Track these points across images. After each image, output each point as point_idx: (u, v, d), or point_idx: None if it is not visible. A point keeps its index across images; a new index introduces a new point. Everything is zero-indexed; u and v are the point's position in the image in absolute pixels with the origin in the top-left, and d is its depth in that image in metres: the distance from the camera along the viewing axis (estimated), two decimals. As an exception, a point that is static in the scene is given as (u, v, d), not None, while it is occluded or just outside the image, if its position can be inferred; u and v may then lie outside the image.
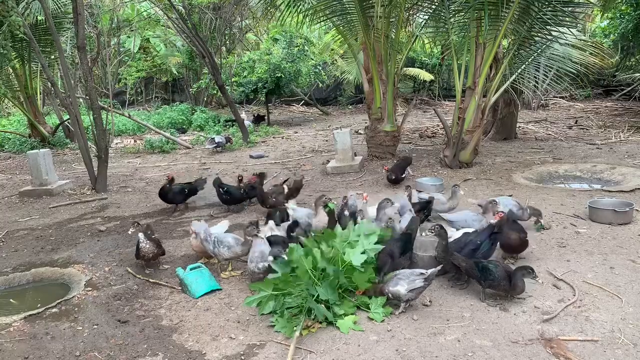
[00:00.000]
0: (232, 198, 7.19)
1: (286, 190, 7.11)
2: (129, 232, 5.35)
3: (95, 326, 4.21)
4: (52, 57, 13.73)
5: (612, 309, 4.02)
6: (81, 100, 13.34)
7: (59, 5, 12.88)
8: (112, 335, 4.06)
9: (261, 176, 7.57)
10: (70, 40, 14.64)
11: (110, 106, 12.29)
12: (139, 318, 4.33)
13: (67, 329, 4.17)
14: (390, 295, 4.09)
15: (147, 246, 5.14)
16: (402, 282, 4.04)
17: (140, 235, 5.13)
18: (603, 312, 3.98)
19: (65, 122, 14.15)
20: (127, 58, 19.73)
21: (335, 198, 7.50)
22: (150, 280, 5.03)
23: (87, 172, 8.97)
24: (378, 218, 5.45)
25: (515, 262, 4.90)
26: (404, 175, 8.12)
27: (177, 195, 7.35)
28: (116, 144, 14.07)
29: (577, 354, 3.46)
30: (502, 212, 4.97)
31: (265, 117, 17.33)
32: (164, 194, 7.32)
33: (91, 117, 8.86)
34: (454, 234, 5.00)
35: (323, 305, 4.03)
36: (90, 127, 9.80)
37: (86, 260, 5.67)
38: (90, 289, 4.90)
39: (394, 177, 8.02)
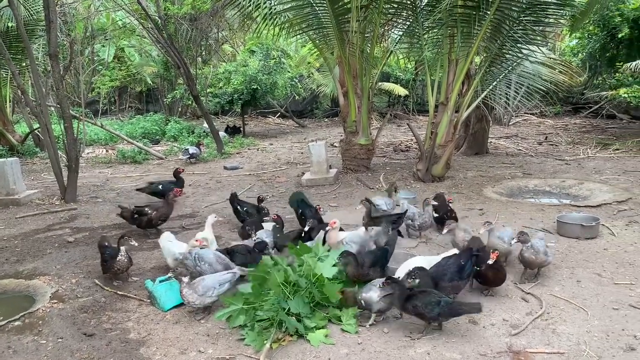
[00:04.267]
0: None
1: None
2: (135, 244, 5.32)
3: (60, 340, 4.11)
4: (23, 64, 13.49)
5: (578, 321, 4.10)
6: (52, 108, 13.12)
7: (31, 12, 12.68)
8: (78, 349, 3.96)
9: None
10: (43, 47, 14.41)
11: (82, 115, 12.10)
12: (105, 331, 4.24)
13: (30, 343, 4.06)
14: (362, 302, 4.08)
15: (125, 260, 5.06)
16: (375, 289, 4.05)
17: (122, 248, 5.04)
18: (569, 325, 4.05)
19: (35, 131, 13.87)
20: (100, 67, 19.50)
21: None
22: (119, 292, 4.94)
23: (57, 182, 8.79)
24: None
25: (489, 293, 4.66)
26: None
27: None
28: (87, 153, 13.84)
29: (543, 366, 3.52)
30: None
31: (241, 129, 17.28)
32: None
33: (62, 126, 8.70)
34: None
35: (294, 318, 4.02)
36: (61, 136, 9.64)
37: (52, 271, 5.53)
38: (56, 301, 4.78)
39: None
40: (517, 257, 4.94)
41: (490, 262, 4.37)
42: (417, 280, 4.05)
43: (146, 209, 6.68)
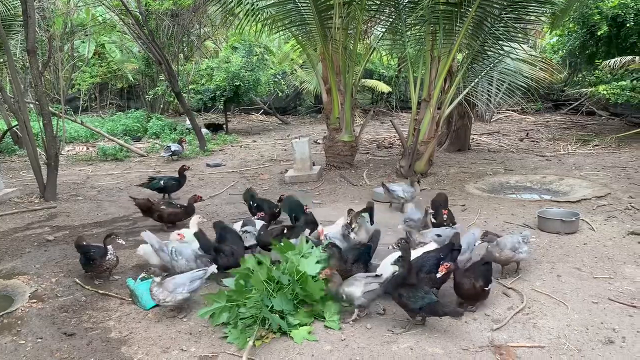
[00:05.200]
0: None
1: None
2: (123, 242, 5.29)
3: (40, 340, 4.05)
4: (0, 60, 13.23)
5: (559, 315, 4.15)
6: (31, 105, 12.90)
7: (9, 7, 12.43)
8: (57, 349, 3.91)
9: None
10: (21, 43, 14.14)
11: (61, 112, 11.92)
12: (86, 330, 4.18)
13: (9, 343, 3.99)
14: (344, 296, 4.09)
15: (114, 258, 5.07)
16: (358, 284, 4.06)
17: (110, 247, 5.02)
18: (550, 319, 4.10)
19: (14, 128, 13.63)
20: (80, 63, 19.21)
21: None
22: (99, 291, 4.88)
23: (36, 179, 8.65)
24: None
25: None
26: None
27: None
28: (67, 151, 13.64)
29: (524, 360, 3.56)
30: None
31: (224, 126, 17.16)
32: None
33: (41, 123, 8.57)
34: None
35: (277, 315, 4.01)
36: (40, 134, 9.48)
37: (32, 271, 5.45)
38: (35, 300, 4.71)
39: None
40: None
41: (438, 275, 4.25)
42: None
43: (174, 202, 6.95)
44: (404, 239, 4.50)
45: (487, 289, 4.25)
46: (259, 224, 5.72)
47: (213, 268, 4.52)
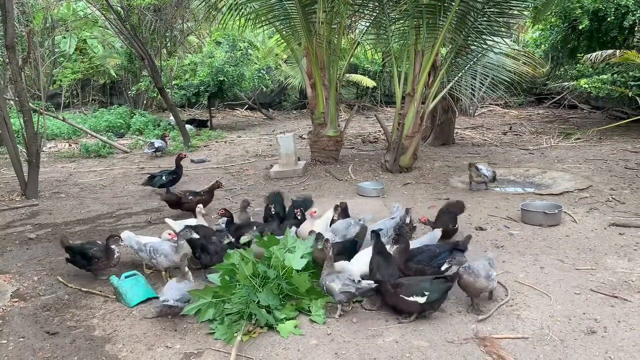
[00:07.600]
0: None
1: None
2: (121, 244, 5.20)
3: (22, 339, 4.00)
4: (-21, 56, 13.00)
5: (542, 307, 4.20)
6: (11, 102, 12.68)
7: (-14, 2, 12.20)
8: (40, 348, 3.86)
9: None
10: (0, 39, 13.91)
11: (42, 108, 11.73)
12: (69, 329, 4.14)
13: (-10, 343, 3.94)
14: (325, 289, 4.11)
15: (119, 256, 5.08)
16: (337, 281, 4.07)
17: (114, 246, 5.02)
18: (533, 310, 4.14)
19: (-7, 125, 13.40)
20: (62, 59, 18.92)
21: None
22: (83, 289, 4.83)
23: (17, 177, 8.53)
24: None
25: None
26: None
27: None
28: (49, 148, 13.45)
29: (508, 351, 3.59)
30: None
31: (208, 122, 17.05)
32: None
33: (21, 120, 8.44)
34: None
35: (264, 310, 4.00)
36: (20, 131, 9.34)
37: (13, 269, 5.37)
38: (17, 299, 4.65)
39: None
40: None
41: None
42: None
43: (198, 190, 7.25)
44: (397, 233, 4.56)
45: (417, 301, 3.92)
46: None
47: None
